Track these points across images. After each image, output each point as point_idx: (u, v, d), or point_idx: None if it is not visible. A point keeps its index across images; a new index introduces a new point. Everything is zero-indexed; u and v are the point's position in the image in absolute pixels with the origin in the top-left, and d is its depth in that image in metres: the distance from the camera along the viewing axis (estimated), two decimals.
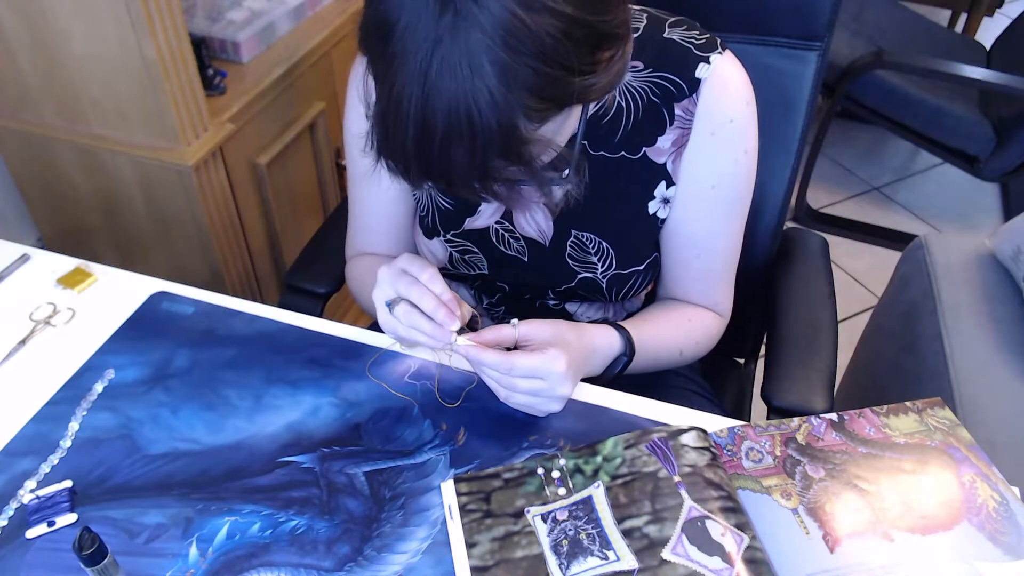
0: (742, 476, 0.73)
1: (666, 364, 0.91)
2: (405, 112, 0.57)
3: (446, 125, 0.57)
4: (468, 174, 0.60)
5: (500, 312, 1.00)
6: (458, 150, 0.58)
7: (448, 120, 0.56)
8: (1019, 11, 2.34)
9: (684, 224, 0.87)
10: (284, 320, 0.90)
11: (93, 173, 1.29)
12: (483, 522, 0.70)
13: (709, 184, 0.84)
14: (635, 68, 0.81)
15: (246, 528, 0.71)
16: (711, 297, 0.93)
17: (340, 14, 1.51)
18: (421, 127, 0.57)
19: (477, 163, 0.59)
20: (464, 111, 0.56)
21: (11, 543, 0.70)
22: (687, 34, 0.81)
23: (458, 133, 0.57)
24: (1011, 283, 1.19)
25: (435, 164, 0.60)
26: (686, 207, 0.86)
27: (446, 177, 0.61)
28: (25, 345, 0.87)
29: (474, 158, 0.59)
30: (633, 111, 0.82)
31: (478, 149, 0.58)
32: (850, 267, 2.24)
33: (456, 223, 0.90)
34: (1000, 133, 2.03)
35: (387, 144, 0.61)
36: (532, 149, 0.60)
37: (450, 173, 0.60)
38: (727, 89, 0.80)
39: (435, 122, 0.57)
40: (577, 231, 0.87)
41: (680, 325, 0.91)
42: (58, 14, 1.11)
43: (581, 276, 0.89)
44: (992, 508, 0.70)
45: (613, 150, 0.84)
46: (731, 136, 0.81)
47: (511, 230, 0.89)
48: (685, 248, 0.89)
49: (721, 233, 0.88)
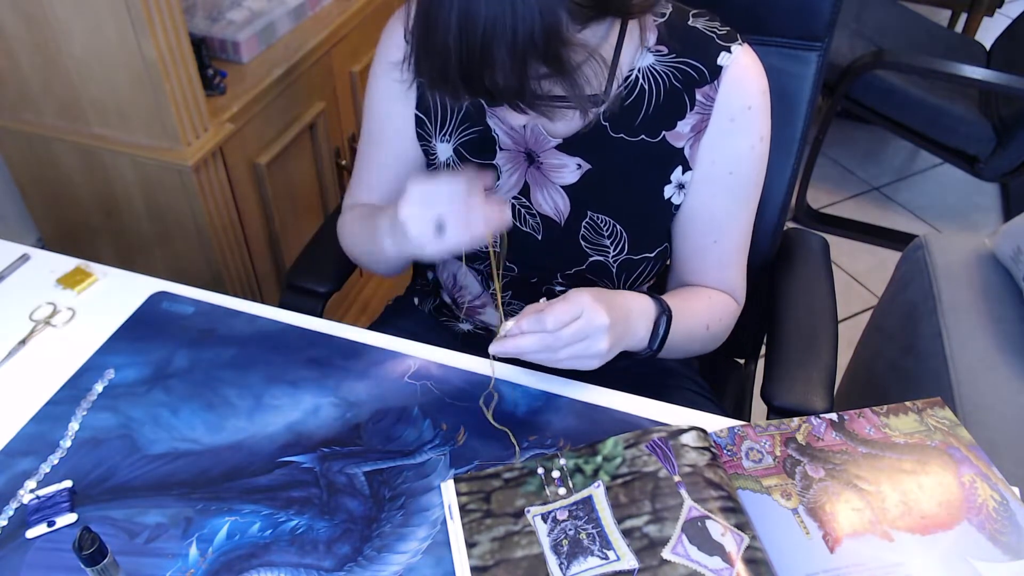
0: (742, 476, 0.73)
1: (697, 340, 0.91)
2: (449, 2, 0.59)
3: (489, 16, 0.58)
4: (508, 78, 0.61)
5: (507, 297, 1.00)
6: (500, 48, 0.59)
7: (491, 10, 0.58)
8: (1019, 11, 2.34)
9: (703, 210, 0.89)
10: (284, 320, 0.90)
11: (93, 173, 1.29)
12: (483, 522, 0.70)
13: (727, 170, 0.86)
14: (660, 53, 0.83)
15: (246, 528, 0.71)
16: (728, 282, 0.94)
17: (340, 14, 1.51)
18: (464, 17, 0.58)
19: (517, 64, 0.60)
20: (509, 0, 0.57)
21: (11, 543, 0.70)
22: (710, 24, 0.84)
23: (501, 25, 0.58)
24: (1011, 283, 1.19)
25: (475, 64, 0.61)
26: (704, 193, 0.87)
27: (486, 81, 0.62)
28: (25, 345, 0.87)
29: (515, 58, 0.60)
30: (655, 95, 0.84)
31: (519, 45, 0.59)
32: (850, 267, 2.24)
33: None
34: (1000, 133, 2.03)
35: (427, 45, 0.62)
36: (573, 55, 0.62)
37: (492, 75, 0.61)
38: (747, 77, 0.83)
39: (478, 11, 0.58)
40: (593, 212, 0.88)
41: (703, 300, 0.92)
42: (58, 14, 1.10)
43: (592, 259, 0.90)
44: (992, 508, 0.70)
45: (633, 133, 0.85)
46: (749, 123, 0.84)
47: (528, 206, 0.90)
48: (703, 234, 0.90)
49: (736, 218, 0.90)
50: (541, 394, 0.83)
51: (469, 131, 0.89)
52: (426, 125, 0.91)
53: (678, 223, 0.91)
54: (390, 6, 1.62)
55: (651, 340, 0.82)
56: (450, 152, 0.91)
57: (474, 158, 0.90)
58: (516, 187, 0.90)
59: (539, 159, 0.88)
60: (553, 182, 0.88)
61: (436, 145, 0.92)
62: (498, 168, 0.89)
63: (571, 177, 0.88)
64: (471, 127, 0.89)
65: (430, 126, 0.91)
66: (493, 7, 0.58)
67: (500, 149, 0.89)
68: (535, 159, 0.88)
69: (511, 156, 0.89)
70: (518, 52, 0.60)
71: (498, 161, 0.89)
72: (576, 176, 0.87)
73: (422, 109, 0.91)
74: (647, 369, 1.05)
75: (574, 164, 0.87)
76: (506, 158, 0.89)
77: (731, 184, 0.87)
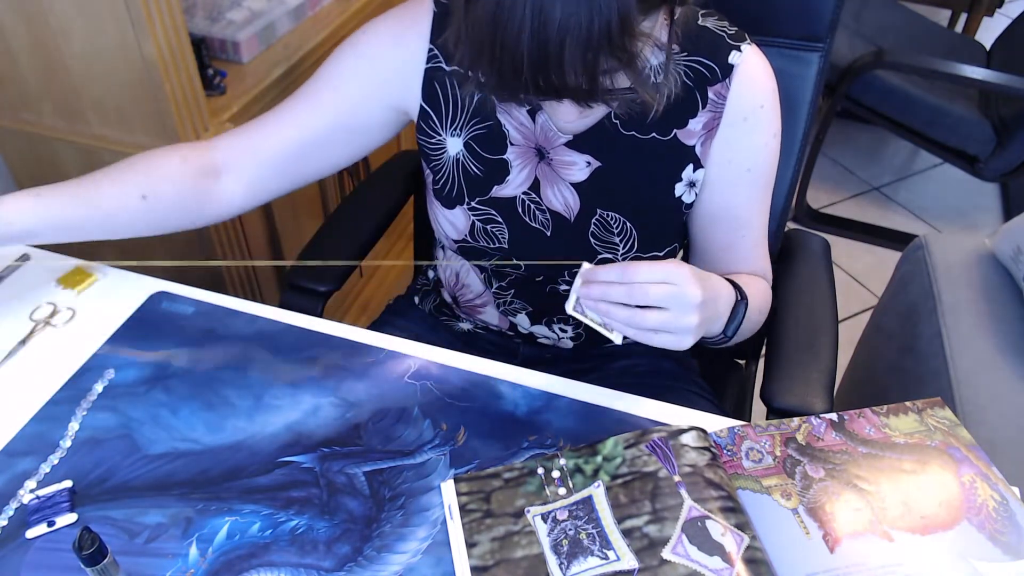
0: (742, 476, 0.73)
1: (753, 325, 0.90)
2: (522, 3, 0.60)
3: (565, 13, 0.59)
4: (579, 75, 0.62)
5: (510, 295, 1.00)
6: (574, 45, 0.60)
7: (567, 8, 0.59)
8: (1019, 11, 2.34)
9: (728, 208, 0.90)
10: (284, 320, 0.90)
11: None
12: (483, 522, 0.70)
13: (745, 167, 0.87)
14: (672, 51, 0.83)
15: (246, 528, 0.71)
16: (760, 266, 0.95)
17: (340, 14, 1.51)
18: (539, 16, 0.59)
19: (590, 61, 0.61)
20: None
21: (11, 543, 0.70)
22: (719, 23, 0.85)
23: (576, 22, 0.59)
24: (1011, 283, 1.19)
25: (549, 63, 0.61)
26: (726, 191, 0.89)
27: (556, 80, 0.63)
28: (25, 345, 0.87)
29: (587, 55, 0.61)
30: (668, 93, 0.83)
31: (595, 40, 0.60)
32: (850, 267, 2.24)
33: (483, 190, 0.91)
34: (1000, 133, 2.03)
35: (494, 47, 0.62)
36: (638, 44, 0.63)
37: (562, 73, 0.62)
38: (758, 76, 0.84)
39: (554, 9, 0.59)
40: (602, 210, 0.89)
41: (753, 286, 0.90)
42: (58, 14, 1.11)
43: (601, 257, 0.90)
44: (992, 508, 0.70)
45: (644, 131, 0.86)
46: (762, 121, 0.86)
47: (537, 201, 0.90)
48: (731, 231, 0.91)
49: (759, 210, 0.92)
50: (541, 394, 0.83)
51: (479, 126, 0.89)
52: (432, 119, 0.91)
53: (702, 223, 0.92)
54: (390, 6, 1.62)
55: (727, 326, 0.81)
56: (460, 146, 0.91)
57: (485, 153, 0.90)
58: (526, 182, 0.90)
59: (549, 155, 0.88)
60: (563, 178, 0.88)
61: (445, 139, 0.91)
62: (508, 163, 0.89)
63: (581, 174, 0.88)
64: (481, 122, 0.89)
65: (437, 120, 0.91)
66: (569, 4, 0.59)
67: (511, 144, 0.89)
68: (545, 155, 0.88)
69: (521, 151, 0.89)
70: (592, 47, 0.61)
71: (508, 156, 0.89)
72: (586, 173, 0.88)
73: (430, 102, 0.90)
74: (647, 369, 1.05)
75: (583, 161, 0.87)
76: (516, 153, 0.89)
77: (750, 180, 0.88)
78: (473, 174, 0.91)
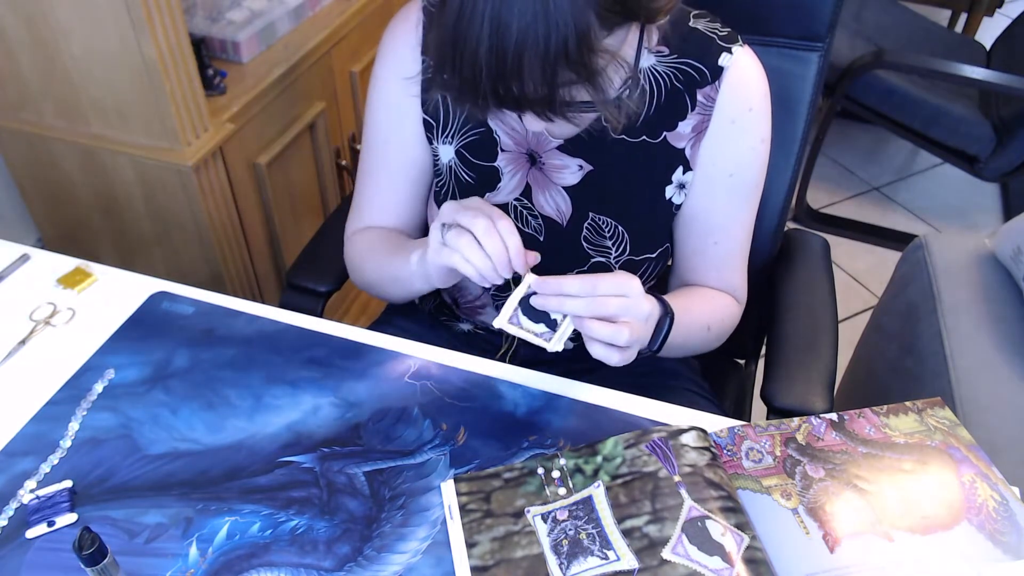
0: (742, 476, 0.73)
1: (696, 341, 0.91)
2: (480, 13, 0.59)
3: (522, 25, 0.58)
4: (538, 87, 0.62)
5: (502, 301, 0.99)
6: (532, 57, 0.60)
7: (523, 20, 0.58)
8: (1019, 11, 2.34)
9: (703, 212, 0.89)
10: (284, 320, 0.90)
11: (93, 173, 1.29)
12: (483, 522, 0.70)
13: (728, 172, 0.86)
14: (660, 53, 0.84)
15: (246, 528, 0.71)
16: (729, 282, 0.94)
17: (340, 14, 1.51)
18: (496, 28, 0.59)
19: (548, 73, 0.61)
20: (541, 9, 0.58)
21: (11, 543, 0.70)
22: (711, 25, 0.84)
23: (533, 34, 0.58)
24: (1011, 283, 1.19)
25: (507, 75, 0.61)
26: (704, 194, 0.88)
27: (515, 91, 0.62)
28: (25, 345, 0.87)
29: (545, 67, 0.60)
30: (657, 95, 0.84)
31: (552, 53, 0.59)
32: (850, 267, 2.24)
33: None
34: (1000, 133, 2.03)
35: (456, 58, 0.62)
36: (599, 61, 0.62)
37: (522, 84, 0.62)
38: (748, 79, 0.83)
39: (511, 21, 0.58)
40: (595, 214, 0.88)
41: (706, 300, 0.92)
42: (58, 14, 1.10)
43: (594, 260, 0.90)
44: (992, 508, 0.70)
45: (634, 134, 0.85)
46: (750, 124, 0.85)
47: (530, 207, 0.90)
48: (704, 235, 0.90)
49: (737, 220, 0.90)
50: (541, 394, 0.83)
51: (471, 133, 0.89)
52: (431, 128, 0.91)
53: (679, 223, 0.91)
54: (390, 6, 1.62)
55: (651, 340, 0.82)
56: (452, 154, 0.91)
57: (476, 160, 0.90)
58: (518, 188, 0.90)
59: (541, 160, 0.88)
60: (555, 183, 0.88)
61: (438, 147, 0.92)
62: (499, 170, 0.89)
63: (572, 178, 0.88)
64: (473, 129, 0.89)
65: (435, 129, 0.91)
66: (526, 17, 0.58)
67: (502, 151, 0.89)
68: (537, 160, 0.88)
69: (513, 157, 0.89)
70: (550, 60, 0.60)
71: (499, 162, 0.89)
72: (577, 177, 0.87)
73: (429, 113, 0.91)
74: (647, 369, 1.05)
75: (575, 165, 0.87)
76: (508, 159, 0.89)
77: (731, 185, 0.87)
78: (465, 182, 0.91)
